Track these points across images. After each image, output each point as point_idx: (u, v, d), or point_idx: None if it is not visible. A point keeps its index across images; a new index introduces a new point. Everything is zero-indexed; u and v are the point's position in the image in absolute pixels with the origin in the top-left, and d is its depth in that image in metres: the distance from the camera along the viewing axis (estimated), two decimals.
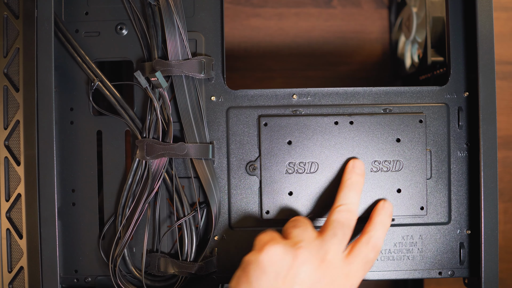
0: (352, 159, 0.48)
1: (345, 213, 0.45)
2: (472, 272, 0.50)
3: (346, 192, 0.46)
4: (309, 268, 0.42)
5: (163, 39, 0.48)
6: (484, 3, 0.47)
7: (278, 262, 0.41)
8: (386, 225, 0.47)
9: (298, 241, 0.43)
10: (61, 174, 0.49)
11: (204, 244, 0.49)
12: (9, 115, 0.47)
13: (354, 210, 0.45)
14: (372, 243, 0.45)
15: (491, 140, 0.47)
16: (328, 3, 0.74)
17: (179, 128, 0.49)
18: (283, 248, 0.42)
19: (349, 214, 0.45)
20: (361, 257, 0.44)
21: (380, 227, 0.46)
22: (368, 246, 0.44)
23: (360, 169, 0.48)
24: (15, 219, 0.47)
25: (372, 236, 0.45)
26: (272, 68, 0.74)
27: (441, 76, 0.58)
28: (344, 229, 0.44)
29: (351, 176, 0.47)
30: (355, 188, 0.46)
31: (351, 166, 0.48)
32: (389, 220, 0.47)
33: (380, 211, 0.47)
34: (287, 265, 0.41)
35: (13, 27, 0.47)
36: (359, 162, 0.48)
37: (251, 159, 0.49)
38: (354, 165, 0.48)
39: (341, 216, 0.45)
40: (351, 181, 0.47)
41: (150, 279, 0.49)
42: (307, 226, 0.45)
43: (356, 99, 0.50)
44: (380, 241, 0.45)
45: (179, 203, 0.49)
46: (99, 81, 0.49)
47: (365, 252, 0.44)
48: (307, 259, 0.42)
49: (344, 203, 0.45)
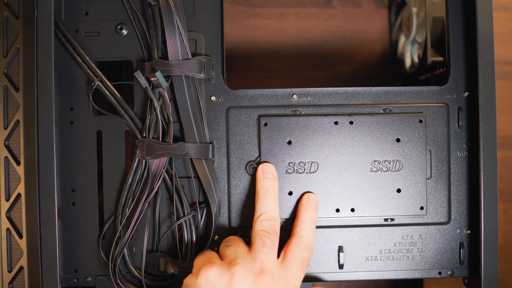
0: (261, 163, 0.48)
1: (266, 221, 0.46)
2: (472, 272, 0.50)
3: (262, 201, 0.47)
4: (247, 283, 0.42)
5: (163, 39, 0.48)
6: (484, 3, 0.47)
7: (216, 284, 0.42)
8: (313, 219, 0.47)
9: (232, 259, 0.43)
10: (61, 174, 0.49)
11: (204, 244, 0.49)
12: (9, 115, 0.47)
13: (274, 216, 0.46)
14: (303, 243, 0.46)
15: (491, 140, 0.47)
16: (328, 3, 0.74)
17: (179, 128, 0.49)
18: (219, 269, 0.43)
19: (271, 221, 0.46)
20: (296, 260, 0.45)
21: (307, 224, 0.47)
22: (299, 247, 0.45)
23: (269, 173, 0.48)
24: (15, 219, 0.47)
25: (301, 236, 0.46)
26: (272, 68, 0.74)
27: (441, 76, 0.58)
28: (270, 236, 0.45)
29: (263, 184, 0.47)
30: (269, 194, 0.47)
31: (261, 172, 0.48)
32: (315, 213, 0.47)
33: (304, 207, 0.48)
34: (225, 284, 0.42)
35: (13, 27, 0.47)
36: (267, 165, 0.48)
37: (251, 159, 0.49)
38: (263, 170, 0.48)
39: (263, 225, 0.45)
40: (265, 188, 0.47)
41: (150, 279, 0.49)
42: (239, 244, 0.45)
43: (356, 99, 0.50)
44: (310, 238, 0.46)
45: (179, 203, 0.49)
46: (99, 81, 0.49)
47: (298, 253, 0.45)
48: (244, 275, 0.42)
49: (263, 211, 0.46)
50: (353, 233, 0.50)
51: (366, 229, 0.50)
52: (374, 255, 0.50)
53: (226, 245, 0.46)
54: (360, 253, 0.50)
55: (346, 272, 0.50)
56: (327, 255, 0.50)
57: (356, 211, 0.49)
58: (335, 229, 0.50)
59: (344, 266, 0.50)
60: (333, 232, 0.50)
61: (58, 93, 0.49)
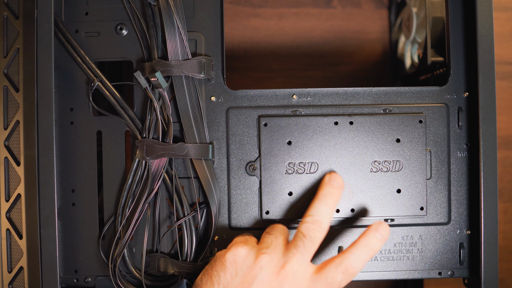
0: (331, 172, 0.48)
1: (310, 224, 0.45)
2: (472, 272, 0.50)
3: (316, 203, 0.46)
4: (268, 273, 0.43)
5: (163, 39, 0.48)
6: (484, 3, 0.47)
7: (239, 262, 0.44)
8: (373, 249, 0.44)
9: (265, 246, 0.44)
10: (61, 174, 0.49)
11: (204, 244, 0.49)
12: (9, 115, 0.47)
13: (320, 221, 0.45)
14: (344, 267, 0.43)
15: (491, 140, 0.47)
16: (328, 3, 0.74)
17: (179, 128, 0.49)
18: (248, 250, 0.44)
19: (314, 226, 0.44)
20: (327, 278, 0.43)
21: (362, 250, 0.43)
22: (338, 269, 0.43)
23: (336, 182, 0.47)
24: (15, 219, 0.47)
25: (346, 258, 0.43)
26: (272, 68, 0.74)
27: (441, 76, 0.58)
28: (305, 241, 0.44)
29: (324, 188, 0.47)
30: (326, 199, 0.46)
31: (327, 179, 0.47)
32: (378, 244, 0.44)
33: (369, 232, 0.44)
34: (247, 266, 0.43)
35: (13, 27, 0.47)
36: (336, 175, 0.48)
37: (251, 159, 0.49)
38: (330, 178, 0.47)
39: (304, 228, 0.45)
40: (324, 193, 0.46)
41: (150, 279, 0.49)
42: (280, 235, 0.46)
43: (356, 99, 0.50)
44: (356, 265, 0.43)
45: (179, 203, 0.49)
46: (99, 81, 0.49)
47: (334, 274, 0.43)
48: (267, 264, 0.43)
49: (312, 214, 0.45)
50: (353, 233, 0.50)
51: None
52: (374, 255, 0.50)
53: (268, 231, 0.47)
54: None
55: None
56: (327, 255, 0.50)
57: (356, 211, 0.49)
58: (335, 229, 0.50)
59: None
60: (333, 232, 0.50)
61: (58, 94, 0.49)
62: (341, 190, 0.47)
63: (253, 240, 0.46)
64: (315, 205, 0.46)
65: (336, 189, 0.47)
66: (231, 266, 0.44)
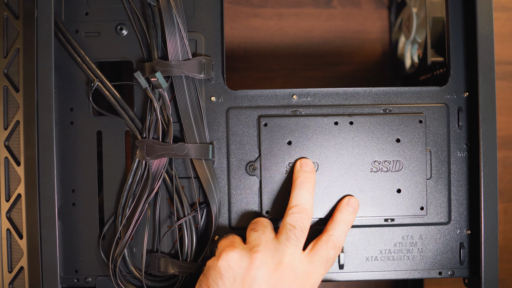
0: (300, 159, 0.48)
1: (296, 215, 0.45)
2: (472, 272, 0.50)
3: (296, 191, 0.47)
4: (266, 271, 0.43)
5: (163, 39, 0.48)
6: (484, 3, 0.47)
7: (235, 267, 0.43)
8: (348, 221, 0.47)
9: (255, 245, 0.44)
10: (61, 174, 0.49)
11: (204, 244, 0.49)
12: (9, 115, 0.47)
13: (306, 209, 0.46)
14: (332, 242, 0.46)
15: (491, 140, 0.47)
16: (328, 3, 0.74)
17: (179, 128, 0.49)
18: (240, 253, 0.44)
19: (301, 215, 0.45)
20: (321, 255, 0.45)
21: (341, 225, 0.47)
22: (328, 245, 0.45)
23: (307, 167, 0.48)
24: (15, 219, 0.47)
25: (331, 235, 0.46)
26: (272, 68, 0.74)
27: (441, 76, 0.58)
28: (296, 232, 0.45)
29: (299, 175, 0.47)
30: (305, 185, 0.47)
31: (298, 166, 0.48)
32: (351, 216, 0.47)
33: (342, 208, 0.48)
34: (243, 269, 0.43)
35: (13, 27, 0.47)
36: (305, 160, 0.48)
37: (251, 159, 0.49)
38: (301, 163, 0.48)
39: (292, 219, 0.45)
40: (301, 179, 0.47)
41: (150, 279, 0.49)
42: (266, 229, 0.46)
43: (356, 99, 0.50)
44: (340, 238, 0.46)
45: (179, 203, 0.49)
46: (99, 81, 0.49)
47: (325, 250, 0.45)
48: (263, 263, 0.43)
49: (295, 203, 0.46)
50: (353, 233, 0.50)
51: (366, 229, 0.50)
52: (375, 255, 0.50)
53: (252, 228, 0.46)
54: (360, 253, 0.50)
55: (347, 272, 0.50)
56: None
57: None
58: None
59: (345, 266, 0.50)
60: None
61: (58, 94, 0.49)
62: (314, 173, 0.48)
63: (239, 240, 0.46)
64: (295, 194, 0.47)
65: (310, 173, 0.48)
66: (227, 272, 0.43)
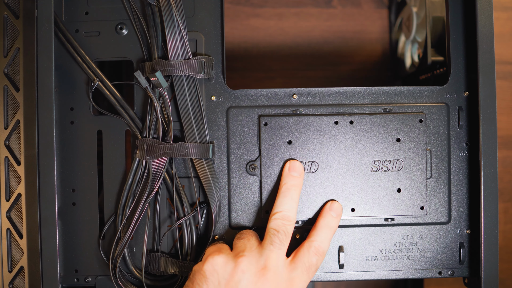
0: (289, 160, 0.48)
1: (279, 220, 0.46)
2: (472, 272, 0.50)
3: (281, 199, 0.47)
4: (250, 275, 0.43)
5: (163, 39, 0.48)
6: (484, 3, 0.47)
7: (220, 271, 0.44)
8: (331, 226, 0.47)
9: (240, 250, 0.45)
10: (61, 174, 0.49)
11: (204, 244, 0.49)
12: (9, 115, 0.47)
13: (288, 216, 0.46)
14: (314, 248, 0.46)
15: (491, 140, 0.47)
16: (328, 3, 0.74)
17: (179, 128, 0.49)
18: (225, 257, 0.44)
19: (284, 221, 0.46)
20: (303, 262, 0.45)
21: (324, 230, 0.47)
22: (310, 251, 0.46)
23: (295, 171, 0.48)
24: (15, 219, 0.47)
25: (313, 241, 0.46)
26: (272, 68, 0.74)
27: (441, 76, 0.58)
28: (279, 236, 0.45)
29: (286, 181, 0.48)
30: (290, 193, 0.47)
31: (287, 169, 0.48)
32: (335, 221, 0.47)
33: (325, 213, 0.48)
34: (228, 273, 0.44)
35: (13, 27, 0.47)
36: (294, 162, 0.48)
37: (251, 159, 0.49)
38: (290, 167, 0.48)
39: (276, 224, 0.46)
40: (286, 186, 0.47)
41: (150, 279, 0.49)
42: (250, 238, 0.46)
43: (356, 99, 0.50)
44: (323, 244, 0.46)
45: (179, 203, 0.49)
46: (99, 81, 0.49)
47: (307, 257, 0.45)
48: (248, 267, 0.44)
49: (279, 210, 0.46)
50: (353, 233, 0.50)
51: (366, 229, 0.50)
52: (374, 255, 0.50)
53: (238, 237, 0.47)
54: (360, 253, 0.50)
55: (346, 272, 0.50)
56: (327, 255, 0.50)
57: (356, 211, 0.49)
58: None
59: (344, 266, 0.50)
60: None
61: (58, 93, 0.49)
62: (302, 177, 0.48)
63: (227, 247, 0.46)
64: (281, 200, 0.47)
65: (298, 179, 0.48)
66: (211, 276, 0.43)
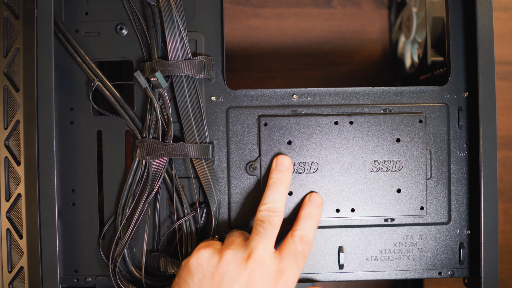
0: (277, 155, 0.49)
1: (266, 211, 0.46)
2: (472, 272, 0.50)
3: (267, 192, 0.47)
4: (235, 267, 0.43)
5: (163, 39, 0.48)
6: (484, 3, 0.47)
7: (204, 264, 0.43)
8: (314, 216, 0.47)
9: (227, 245, 0.45)
10: (61, 174, 0.49)
11: None
12: (9, 115, 0.47)
13: (274, 207, 0.46)
14: (298, 236, 0.45)
15: (491, 140, 0.47)
16: (328, 3, 0.74)
17: (179, 128, 0.49)
18: (211, 252, 0.44)
19: (270, 212, 0.46)
20: (289, 251, 0.45)
21: (306, 220, 0.47)
22: (294, 239, 0.45)
23: (283, 165, 0.48)
24: (15, 219, 0.47)
25: (297, 229, 0.46)
26: (272, 68, 0.74)
27: (441, 76, 0.58)
28: (265, 226, 0.45)
29: (272, 175, 0.48)
30: (276, 186, 0.47)
31: (274, 165, 0.48)
32: (317, 211, 0.48)
33: (306, 204, 0.48)
34: (213, 266, 0.43)
35: (13, 27, 0.47)
36: (282, 157, 0.48)
37: (251, 159, 0.49)
38: (277, 162, 0.48)
39: (261, 215, 0.46)
40: (273, 180, 0.47)
41: (150, 279, 0.49)
42: (240, 235, 0.46)
43: (356, 99, 0.50)
44: (307, 232, 0.46)
45: (179, 203, 0.49)
46: (99, 81, 0.49)
47: (292, 245, 0.45)
48: (233, 258, 0.43)
49: (264, 202, 0.46)
50: (353, 233, 0.50)
51: (366, 229, 0.50)
52: (374, 255, 0.50)
53: (230, 235, 0.47)
54: (360, 253, 0.50)
55: (346, 272, 0.50)
56: (327, 255, 0.50)
57: (356, 211, 0.49)
58: (335, 229, 0.50)
59: (344, 266, 0.50)
60: (333, 232, 0.50)
61: (58, 93, 0.49)
62: (290, 171, 0.48)
63: (218, 243, 0.46)
64: (267, 194, 0.47)
65: (284, 172, 0.48)
66: (196, 270, 0.43)
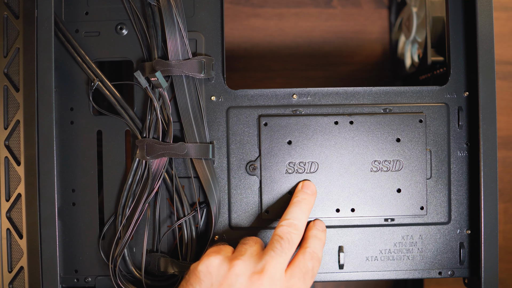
0: (302, 181, 0.49)
1: (285, 227, 0.45)
2: (472, 272, 0.50)
3: (291, 209, 0.47)
4: (244, 279, 0.42)
5: (163, 39, 0.48)
6: (484, 3, 0.47)
7: (213, 272, 0.43)
8: (321, 238, 0.47)
9: (239, 254, 0.44)
10: (61, 174, 0.49)
11: (204, 244, 0.49)
12: (9, 115, 0.47)
13: (296, 225, 0.45)
14: (309, 253, 0.45)
15: (491, 140, 0.47)
16: (328, 3, 0.74)
17: (179, 128, 0.49)
18: (221, 260, 0.43)
19: (290, 229, 0.45)
20: (299, 268, 0.44)
21: (314, 239, 0.46)
22: (304, 256, 0.45)
23: (309, 189, 0.48)
24: (15, 219, 0.47)
25: (307, 247, 0.45)
26: (272, 68, 0.74)
27: (441, 76, 0.58)
28: (283, 242, 0.44)
29: (298, 195, 0.48)
30: (300, 205, 0.47)
31: (300, 187, 0.48)
32: (322, 235, 0.47)
33: (312, 227, 0.48)
34: (221, 276, 0.42)
35: (13, 27, 0.47)
36: (308, 182, 0.48)
37: (251, 159, 0.49)
38: (303, 185, 0.48)
39: (280, 230, 0.45)
40: (298, 199, 0.47)
41: (150, 279, 0.49)
42: (254, 244, 0.45)
43: (356, 99, 0.50)
44: (317, 250, 0.46)
45: (179, 203, 0.49)
46: (99, 81, 0.49)
47: (303, 262, 0.44)
48: (243, 271, 0.42)
49: (288, 217, 0.46)
50: (353, 233, 0.50)
51: (366, 229, 0.50)
52: (374, 255, 0.50)
53: (242, 242, 0.46)
54: (360, 253, 0.50)
55: (346, 272, 0.50)
56: (327, 255, 0.50)
57: (356, 211, 0.49)
58: (335, 229, 0.50)
59: (344, 266, 0.50)
60: (333, 232, 0.50)
61: (58, 93, 0.49)
62: (314, 196, 0.48)
63: (228, 249, 0.45)
64: (290, 210, 0.46)
65: (310, 196, 0.48)
66: (205, 277, 0.43)
